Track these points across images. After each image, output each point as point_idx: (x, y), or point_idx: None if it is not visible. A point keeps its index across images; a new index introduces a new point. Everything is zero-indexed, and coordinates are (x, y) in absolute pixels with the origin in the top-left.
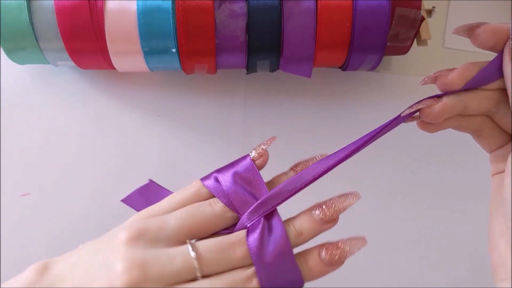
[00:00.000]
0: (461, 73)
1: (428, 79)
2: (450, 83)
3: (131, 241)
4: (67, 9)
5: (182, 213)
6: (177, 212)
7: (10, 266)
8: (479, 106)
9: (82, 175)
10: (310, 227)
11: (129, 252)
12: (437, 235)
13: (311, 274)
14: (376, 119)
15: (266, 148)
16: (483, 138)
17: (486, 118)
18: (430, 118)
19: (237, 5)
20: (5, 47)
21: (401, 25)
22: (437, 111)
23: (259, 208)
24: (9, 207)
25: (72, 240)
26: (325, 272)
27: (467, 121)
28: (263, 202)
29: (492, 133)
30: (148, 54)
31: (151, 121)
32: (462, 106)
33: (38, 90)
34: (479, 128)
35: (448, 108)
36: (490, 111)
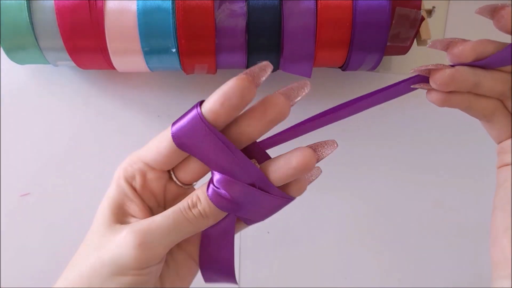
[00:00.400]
0: (475, 46)
1: (438, 44)
2: (460, 53)
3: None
4: (67, 8)
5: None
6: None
7: (10, 266)
8: (494, 87)
9: (82, 175)
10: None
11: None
12: (437, 235)
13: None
14: (376, 119)
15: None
16: (493, 124)
17: (498, 102)
18: (439, 82)
19: (237, 5)
20: (5, 47)
21: (401, 25)
22: (448, 75)
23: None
24: (9, 207)
25: (72, 240)
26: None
27: (479, 103)
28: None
29: (503, 120)
30: (148, 54)
31: (151, 121)
32: (475, 81)
33: (38, 90)
34: (490, 113)
35: (460, 75)
36: (504, 94)
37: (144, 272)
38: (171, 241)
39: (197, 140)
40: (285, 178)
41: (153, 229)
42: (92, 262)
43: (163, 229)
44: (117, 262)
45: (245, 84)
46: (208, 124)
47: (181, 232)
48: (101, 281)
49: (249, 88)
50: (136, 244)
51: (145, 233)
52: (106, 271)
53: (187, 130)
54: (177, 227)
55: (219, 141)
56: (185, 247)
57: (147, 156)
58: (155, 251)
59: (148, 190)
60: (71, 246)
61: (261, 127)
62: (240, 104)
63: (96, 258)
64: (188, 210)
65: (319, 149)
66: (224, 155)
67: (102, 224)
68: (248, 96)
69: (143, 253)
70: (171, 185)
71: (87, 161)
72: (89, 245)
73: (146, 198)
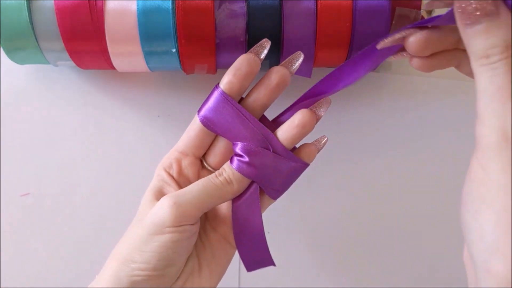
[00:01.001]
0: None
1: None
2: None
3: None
4: (67, 9)
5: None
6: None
7: (10, 266)
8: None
9: (82, 175)
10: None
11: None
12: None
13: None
14: (376, 119)
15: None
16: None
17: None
18: (415, 47)
19: (237, 5)
20: (5, 47)
21: (401, 25)
22: (419, 39)
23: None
24: (9, 207)
25: (72, 240)
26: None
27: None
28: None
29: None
30: (148, 54)
31: (151, 121)
32: (455, 37)
33: (38, 90)
34: (458, 63)
35: (432, 36)
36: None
37: (178, 229)
38: (201, 202)
39: (218, 114)
40: (292, 138)
41: (185, 192)
42: (136, 230)
43: (193, 192)
44: (155, 221)
45: (250, 56)
46: (224, 94)
47: (209, 195)
48: (141, 242)
49: (254, 59)
50: (171, 204)
51: (178, 195)
52: (146, 233)
53: (209, 106)
54: (205, 190)
55: (235, 109)
56: (219, 229)
57: (180, 145)
58: (186, 210)
59: (184, 176)
60: (71, 246)
61: (270, 92)
62: (249, 72)
63: (140, 226)
64: (215, 178)
65: (316, 108)
66: (240, 122)
67: (145, 204)
68: (254, 66)
69: (177, 211)
70: (204, 172)
71: (87, 161)
72: (136, 223)
73: (182, 183)
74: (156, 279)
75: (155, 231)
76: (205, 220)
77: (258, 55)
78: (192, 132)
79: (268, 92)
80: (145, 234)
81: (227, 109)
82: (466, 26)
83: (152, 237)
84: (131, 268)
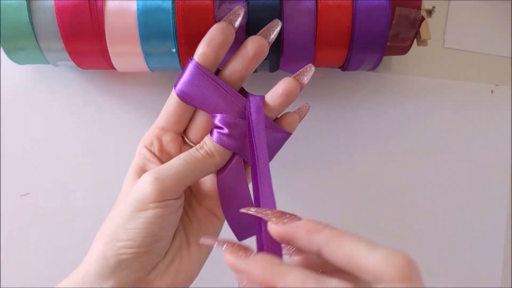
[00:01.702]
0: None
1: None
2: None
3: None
4: (67, 9)
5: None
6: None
7: (10, 266)
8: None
9: (82, 175)
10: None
11: None
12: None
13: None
14: (376, 119)
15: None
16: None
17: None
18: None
19: (237, 5)
20: (5, 47)
21: (401, 25)
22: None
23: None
24: (9, 207)
25: (72, 240)
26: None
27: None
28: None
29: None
30: (148, 54)
31: (151, 121)
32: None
33: (38, 90)
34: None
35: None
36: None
37: (162, 204)
38: (183, 176)
39: (195, 87)
40: (275, 106)
41: (166, 167)
42: (120, 208)
43: (175, 166)
44: (138, 198)
45: (224, 24)
46: (199, 66)
47: (191, 168)
48: (126, 220)
49: (227, 27)
50: (153, 179)
51: (159, 170)
52: (129, 210)
53: (185, 79)
54: (187, 164)
55: (212, 81)
56: (204, 203)
57: (159, 121)
58: (169, 184)
59: (166, 152)
60: (71, 246)
61: (247, 63)
62: (223, 41)
63: (123, 203)
64: (196, 151)
65: (299, 76)
66: (218, 94)
67: (128, 183)
68: (228, 34)
69: (159, 186)
70: (186, 148)
71: (87, 161)
72: (119, 201)
73: (164, 160)
74: (143, 256)
75: (138, 208)
76: (190, 194)
77: (232, 23)
78: (170, 107)
79: (245, 63)
80: (128, 211)
81: (203, 81)
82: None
83: (135, 214)
84: (117, 247)
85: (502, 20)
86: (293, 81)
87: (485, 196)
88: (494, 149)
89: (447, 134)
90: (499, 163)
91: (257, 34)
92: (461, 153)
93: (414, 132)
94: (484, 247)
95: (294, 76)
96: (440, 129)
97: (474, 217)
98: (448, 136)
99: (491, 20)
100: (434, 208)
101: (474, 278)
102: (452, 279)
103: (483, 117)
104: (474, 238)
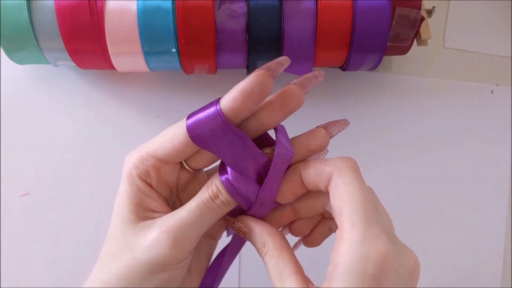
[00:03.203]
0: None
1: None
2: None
3: None
4: (67, 9)
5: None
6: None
7: (10, 266)
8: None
9: (82, 175)
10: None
11: None
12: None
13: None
14: (376, 119)
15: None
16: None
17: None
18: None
19: (237, 5)
20: (5, 47)
21: (401, 25)
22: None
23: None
24: (9, 207)
25: (72, 240)
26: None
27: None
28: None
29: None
30: (148, 54)
31: (151, 121)
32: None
33: (38, 90)
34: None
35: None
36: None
37: (180, 265)
38: (200, 232)
39: (214, 137)
40: (301, 158)
41: (183, 226)
42: (128, 263)
43: (192, 224)
44: (155, 261)
45: (265, 79)
46: (229, 123)
47: (208, 222)
48: (140, 281)
49: (268, 83)
50: (171, 244)
51: (177, 231)
52: (144, 270)
53: (205, 127)
54: (203, 218)
55: (237, 138)
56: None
57: (160, 152)
58: (188, 246)
59: (163, 183)
60: (71, 246)
61: (280, 117)
62: (260, 99)
63: (131, 259)
64: (211, 201)
65: (330, 127)
66: (239, 149)
67: (124, 223)
68: (267, 89)
69: (177, 250)
70: (183, 173)
71: (87, 161)
72: (117, 246)
73: (161, 190)
74: None
75: (154, 270)
76: None
77: (273, 74)
78: (178, 143)
79: (279, 117)
80: (142, 272)
81: (225, 135)
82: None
83: (151, 276)
84: None
85: (502, 20)
86: (325, 136)
87: (485, 196)
88: (494, 149)
89: (447, 134)
90: (499, 163)
91: (297, 82)
92: (461, 152)
93: (414, 132)
94: (484, 247)
95: (325, 126)
96: (440, 129)
97: (474, 217)
98: (448, 136)
99: (491, 20)
100: (433, 207)
101: (474, 278)
102: (452, 279)
103: (483, 117)
104: (474, 238)
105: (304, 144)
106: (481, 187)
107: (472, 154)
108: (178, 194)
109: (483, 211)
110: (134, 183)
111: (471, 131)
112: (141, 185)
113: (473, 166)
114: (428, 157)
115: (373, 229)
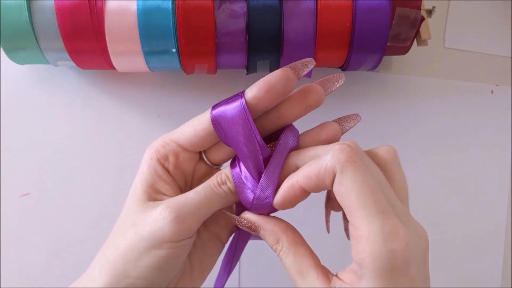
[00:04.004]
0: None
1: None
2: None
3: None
4: (67, 9)
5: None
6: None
7: (10, 266)
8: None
9: (82, 175)
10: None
11: None
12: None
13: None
14: (376, 119)
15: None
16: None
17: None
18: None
19: (237, 5)
20: (5, 47)
21: (401, 25)
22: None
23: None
24: (9, 207)
25: (72, 240)
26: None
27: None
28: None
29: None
30: (148, 54)
31: (151, 121)
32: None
33: (38, 90)
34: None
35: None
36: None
37: (179, 245)
38: (203, 214)
39: (233, 128)
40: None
41: (187, 204)
42: (130, 238)
43: (196, 203)
44: (155, 235)
45: (290, 74)
46: (246, 110)
47: (212, 205)
48: (137, 255)
49: (292, 78)
50: (173, 218)
51: (180, 207)
52: (143, 245)
53: (228, 116)
54: (208, 201)
55: (253, 134)
56: (211, 228)
57: (182, 138)
58: (189, 224)
59: (180, 170)
60: (71, 246)
61: (300, 110)
62: (283, 92)
63: (134, 234)
64: (218, 187)
65: (343, 123)
66: (252, 145)
67: (135, 202)
68: (291, 86)
69: (179, 226)
70: (200, 165)
71: (87, 161)
72: (125, 223)
73: (176, 177)
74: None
75: (153, 245)
76: None
77: (297, 73)
78: (201, 130)
79: (299, 110)
80: (141, 246)
81: (244, 127)
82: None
83: (149, 251)
84: (125, 282)
85: (502, 20)
86: (337, 129)
87: (485, 196)
88: (494, 149)
89: (447, 134)
90: (499, 163)
91: (318, 82)
92: (461, 152)
93: (414, 131)
94: (484, 247)
95: (338, 121)
96: (440, 129)
97: (474, 217)
98: (448, 136)
99: (491, 20)
100: (433, 208)
101: (474, 278)
102: (452, 279)
103: (483, 117)
104: (474, 238)
105: (314, 135)
106: (481, 187)
107: (472, 154)
108: (192, 186)
109: (483, 211)
110: (152, 166)
111: (471, 131)
112: (158, 168)
113: (473, 166)
114: (428, 157)
115: (390, 222)
